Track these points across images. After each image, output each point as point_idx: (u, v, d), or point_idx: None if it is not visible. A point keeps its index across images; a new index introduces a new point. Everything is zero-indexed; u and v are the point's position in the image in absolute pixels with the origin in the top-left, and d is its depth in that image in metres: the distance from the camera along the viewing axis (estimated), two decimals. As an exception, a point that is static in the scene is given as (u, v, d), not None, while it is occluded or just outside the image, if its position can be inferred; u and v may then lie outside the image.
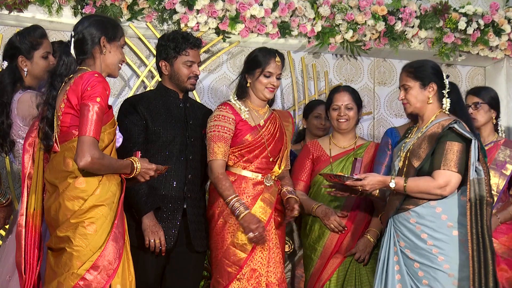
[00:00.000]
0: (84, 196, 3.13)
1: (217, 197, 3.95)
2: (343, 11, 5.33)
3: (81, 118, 3.09)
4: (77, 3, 4.87)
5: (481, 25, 5.53)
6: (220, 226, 3.92)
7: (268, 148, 3.99)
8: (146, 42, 5.15)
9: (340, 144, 4.41)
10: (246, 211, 3.83)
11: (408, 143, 3.78)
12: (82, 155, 3.05)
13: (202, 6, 5.03)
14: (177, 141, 4.06)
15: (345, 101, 4.35)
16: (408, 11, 5.41)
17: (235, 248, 3.86)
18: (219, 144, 3.94)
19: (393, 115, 5.84)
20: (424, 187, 3.61)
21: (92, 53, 3.26)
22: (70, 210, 3.12)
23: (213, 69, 5.43)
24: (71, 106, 3.15)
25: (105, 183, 3.17)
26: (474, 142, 3.61)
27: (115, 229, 3.14)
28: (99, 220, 3.12)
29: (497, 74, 5.91)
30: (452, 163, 3.59)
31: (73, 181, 3.14)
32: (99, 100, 3.09)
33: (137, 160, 3.27)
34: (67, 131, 3.17)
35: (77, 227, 3.11)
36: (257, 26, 5.17)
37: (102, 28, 3.28)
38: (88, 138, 3.06)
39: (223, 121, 3.97)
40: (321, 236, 4.25)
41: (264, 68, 4.01)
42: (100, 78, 3.14)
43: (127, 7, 4.95)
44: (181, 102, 4.17)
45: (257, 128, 4.01)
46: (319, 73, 5.66)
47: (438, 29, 5.49)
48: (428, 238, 3.61)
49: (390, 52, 5.58)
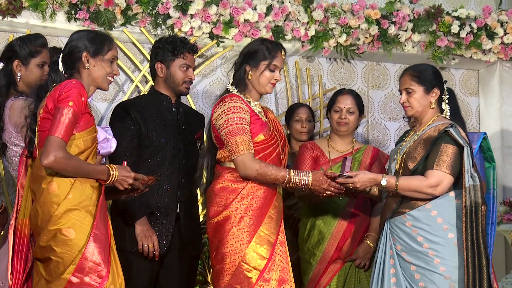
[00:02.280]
0: (57, 200, 3.14)
1: (231, 199, 3.63)
2: (336, 15, 5.33)
3: (53, 120, 3.13)
4: (71, 9, 4.87)
5: (474, 29, 5.54)
6: (237, 229, 3.60)
7: (280, 145, 3.78)
8: (140, 47, 5.16)
9: (338, 147, 4.40)
10: (309, 178, 3.61)
11: (404, 146, 3.79)
12: (47, 153, 3.07)
13: (196, 11, 5.03)
14: (170, 146, 4.06)
15: (348, 104, 4.34)
16: (401, 15, 5.41)
17: (255, 252, 3.59)
18: (243, 137, 3.59)
19: (387, 119, 5.85)
20: (415, 185, 3.61)
21: (77, 67, 3.31)
22: (46, 215, 3.14)
23: (207, 74, 5.43)
24: (48, 111, 3.20)
25: (77, 187, 3.17)
26: (467, 149, 3.61)
27: (96, 231, 3.13)
28: (75, 225, 3.13)
29: (490, 77, 5.92)
30: (445, 165, 3.60)
31: (46, 186, 3.15)
32: (71, 104, 3.12)
33: (114, 167, 3.25)
34: (43, 135, 3.20)
35: (55, 235, 3.12)
36: (251, 31, 5.16)
37: (87, 43, 3.32)
38: (55, 138, 3.09)
39: (241, 112, 3.63)
40: (321, 241, 4.24)
41: (271, 62, 3.73)
42: (77, 84, 3.19)
43: (121, 12, 4.96)
44: (173, 107, 4.17)
45: (267, 124, 3.74)
46: (313, 77, 5.66)
47: (431, 33, 5.51)
48: (424, 241, 3.62)
49: (384, 55, 5.58)
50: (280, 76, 3.80)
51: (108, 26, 4.93)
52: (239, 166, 3.62)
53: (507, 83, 5.86)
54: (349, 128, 4.36)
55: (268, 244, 3.61)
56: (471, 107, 6.03)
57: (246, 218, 3.62)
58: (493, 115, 5.88)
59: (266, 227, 3.63)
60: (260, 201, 3.65)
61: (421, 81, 3.75)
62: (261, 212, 3.64)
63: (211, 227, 3.70)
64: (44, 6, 4.81)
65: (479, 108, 6.04)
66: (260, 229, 3.61)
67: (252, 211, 3.63)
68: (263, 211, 3.65)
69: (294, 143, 4.85)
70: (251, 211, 3.63)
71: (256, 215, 3.63)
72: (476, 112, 6.04)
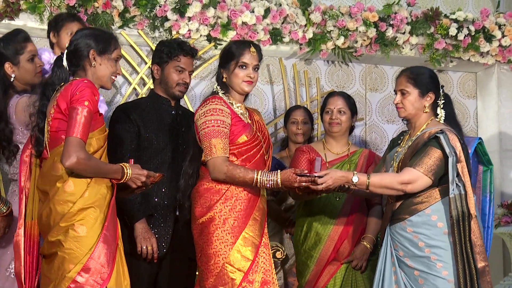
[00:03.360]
0: (72, 199, 3.14)
1: (215, 200, 3.66)
2: (334, 18, 5.33)
3: (69, 121, 3.13)
4: (69, 11, 4.82)
5: (472, 31, 5.53)
6: (222, 231, 3.64)
7: (263, 146, 3.81)
8: (137, 49, 5.16)
9: (334, 150, 4.40)
10: (277, 177, 3.60)
11: (400, 152, 3.79)
12: (68, 155, 3.08)
13: (193, 13, 5.04)
14: (169, 148, 4.07)
15: (338, 105, 4.35)
16: (399, 18, 5.41)
17: (239, 253, 3.63)
18: (219, 140, 3.64)
19: (385, 121, 5.85)
20: (386, 181, 3.63)
21: (83, 65, 3.31)
22: (60, 214, 3.14)
23: (204, 76, 5.43)
24: (60, 111, 3.20)
25: (93, 186, 3.18)
26: (452, 159, 3.59)
27: (106, 231, 3.15)
28: (88, 222, 3.13)
29: (488, 80, 5.92)
30: (425, 166, 3.60)
31: (61, 185, 3.15)
32: (87, 103, 3.13)
33: (128, 166, 3.27)
34: (56, 136, 3.21)
35: (67, 230, 3.12)
36: (248, 33, 5.17)
37: (93, 41, 3.32)
38: (75, 139, 3.10)
39: (220, 114, 3.68)
40: (318, 242, 4.23)
41: (239, 60, 3.75)
42: (89, 84, 3.20)
43: (119, 14, 4.97)
44: (173, 109, 4.20)
45: (250, 125, 3.78)
46: (311, 79, 5.66)
47: (429, 35, 5.50)
48: (425, 246, 3.62)
49: (382, 58, 5.58)
50: (255, 73, 3.78)
51: (106, 28, 4.89)
52: (210, 169, 3.67)
53: (505, 85, 5.85)
54: (341, 129, 4.37)
55: (253, 246, 3.65)
56: (469, 109, 6.03)
57: (230, 219, 3.65)
58: (491, 118, 5.87)
59: (251, 229, 3.67)
60: (244, 203, 3.69)
61: (416, 84, 3.74)
62: (245, 214, 3.67)
63: (196, 228, 3.73)
64: (41, 8, 4.82)
65: (477, 110, 6.03)
66: (245, 231, 3.65)
67: (237, 213, 3.66)
68: (247, 213, 3.68)
69: (291, 146, 4.85)
70: (235, 213, 3.66)
71: (241, 217, 3.66)
72: (474, 114, 6.04)
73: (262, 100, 5.60)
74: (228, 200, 3.67)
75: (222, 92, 3.80)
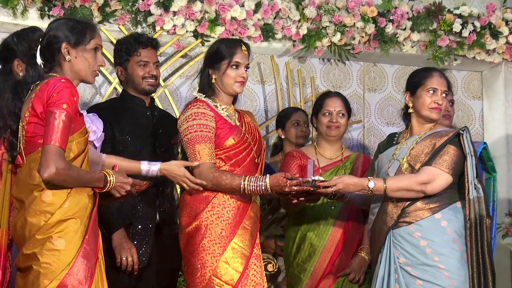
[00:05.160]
0: (50, 209, 3.08)
1: (201, 208, 3.68)
2: (330, 13, 5.33)
3: (46, 126, 3.05)
4: (44, 5, 4.84)
5: (477, 27, 5.56)
6: (208, 241, 3.65)
7: (254, 149, 3.82)
8: None
9: (327, 154, 4.39)
10: (266, 182, 3.61)
11: (403, 149, 3.82)
12: (46, 165, 3.01)
13: (179, 8, 5.02)
14: (146, 152, 4.06)
15: (338, 107, 4.35)
16: (400, 13, 5.42)
17: (228, 265, 3.64)
18: (203, 146, 3.66)
19: (384, 124, 5.85)
20: (405, 184, 3.65)
21: (58, 60, 3.24)
22: (36, 225, 3.07)
23: (190, 75, 5.41)
24: (36, 115, 3.12)
25: (74, 196, 3.12)
26: (471, 159, 3.65)
27: (86, 245, 3.09)
28: (68, 234, 3.07)
29: (494, 79, 5.96)
30: (444, 164, 3.64)
31: (39, 194, 3.09)
32: (65, 106, 3.05)
33: (111, 173, 3.22)
34: (32, 141, 3.14)
35: (44, 242, 3.06)
36: (238, 29, 5.15)
37: (66, 33, 3.23)
38: (53, 147, 3.02)
39: (203, 119, 3.69)
40: (312, 254, 4.23)
41: (232, 59, 3.77)
42: (67, 84, 3.11)
43: (98, 8, 4.93)
44: (148, 110, 4.22)
45: (238, 127, 3.80)
46: (305, 79, 5.66)
47: (431, 32, 5.52)
48: (433, 253, 3.63)
49: (381, 56, 5.59)
50: (246, 73, 3.81)
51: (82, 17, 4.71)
52: (195, 176, 3.65)
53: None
54: (339, 132, 4.37)
55: (242, 257, 3.64)
56: (474, 111, 6.06)
57: (218, 229, 3.64)
58: (498, 120, 5.91)
59: (240, 239, 3.66)
60: (233, 210, 3.68)
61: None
62: (234, 223, 3.67)
63: (183, 238, 3.73)
64: (15, 2, 4.79)
65: (482, 112, 6.07)
66: (234, 241, 3.65)
67: (224, 222, 3.66)
68: (236, 222, 3.67)
69: (288, 149, 4.81)
70: (223, 222, 3.66)
71: (229, 225, 3.66)
72: (479, 116, 6.07)
73: (253, 101, 5.60)
74: (215, 207, 3.67)
75: (204, 96, 3.80)
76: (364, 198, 3.88)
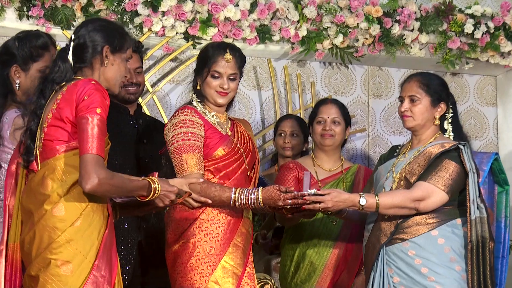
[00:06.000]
0: (61, 226, 3.00)
1: (189, 224, 3.62)
2: (331, 13, 5.27)
3: (80, 134, 3.00)
4: (23, 5, 4.78)
5: (490, 28, 5.52)
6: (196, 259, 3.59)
7: (246, 161, 3.76)
8: None
9: (325, 166, 4.33)
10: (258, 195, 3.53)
11: (402, 162, 3.77)
12: (87, 176, 2.94)
13: (168, 8, 4.96)
14: (129, 165, 4.07)
15: (332, 114, 4.30)
16: (407, 12, 5.37)
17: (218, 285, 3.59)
18: (190, 155, 3.60)
19: (390, 132, 5.84)
20: (398, 200, 3.60)
21: (92, 62, 3.19)
22: (45, 241, 3.01)
23: (181, 80, 5.38)
24: (60, 118, 3.06)
25: (88, 214, 3.04)
26: (472, 176, 3.61)
27: (95, 272, 3.00)
28: (76, 258, 2.99)
29: (510, 84, 5.96)
30: (441, 180, 3.59)
31: (50, 207, 3.02)
32: (99, 111, 3.00)
33: (156, 180, 3.18)
34: (50, 145, 3.08)
35: (49, 265, 2.99)
36: (232, 31, 5.11)
37: (108, 36, 3.20)
38: (91, 156, 2.96)
39: (191, 126, 3.63)
40: (312, 274, 4.19)
41: (211, 67, 3.70)
42: (98, 86, 3.07)
43: (81, 8, 4.88)
44: (132, 119, 4.22)
45: (229, 137, 3.75)
46: (305, 84, 5.64)
47: (441, 33, 5.48)
48: (429, 273, 3.57)
49: (387, 59, 5.55)
50: (230, 84, 3.72)
51: (66, 25, 4.82)
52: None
53: (528, 91, 6.02)
54: (335, 142, 4.30)
55: (234, 277, 3.61)
56: (487, 118, 6.04)
57: (207, 246, 3.59)
58: None
59: (231, 257, 3.62)
60: (223, 226, 3.64)
61: (429, 90, 3.75)
62: (224, 240, 3.62)
63: (169, 257, 3.69)
64: None
65: (497, 119, 6.05)
66: (224, 260, 3.60)
67: (214, 239, 3.61)
68: (227, 239, 3.63)
69: (281, 161, 4.81)
70: (212, 239, 3.61)
71: (219, 243, 3.62)
72: (493, 124, 6.05)
73: (248, 108, 5.58)
74: (204, 223, 3.62)
75: (198, 100, 3.77)
76: (361, 214, 3.82)
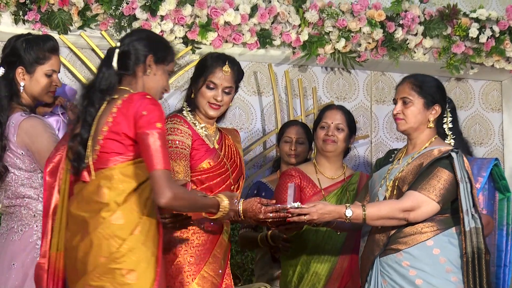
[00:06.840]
0: (121, 234, 3.04)
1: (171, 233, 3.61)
2: (333, 17, 5.26)
3: (145, 151, 3.06)
4: (19, 9, 4.79)
5: (496, 32, 5.49)
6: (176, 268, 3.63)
7: (231, 176, 3.79)
8: (100, 54, 5.07)
9: (328, 173, 4.31)
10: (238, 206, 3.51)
11: (395, 169, 3.74)
12: (162, 191, 3.02)
13: (167, 12, 4.97)
14: None
15: (336, 119, 4.28)
16: (410, 16, 5.37)
17: None
18: (178, 162, 3.64)
19: (393, 139, 5.78)
20: (386, 211, 3.59)
21: (135, 70, 3.24)
22: (105, 251, 3.03)
23: (180, 86, 5.35)
24: (117, 132, 3.11)
25: (145, 223, 3.09)
26: (464, 186, 3.58)
27: (160, 278, 3.06)
28: (140, 266, 3.04)
29: None
30: (432, 190, 3.56)
31: (108, 215, 3.05)
32: (159, 125, 3.06)
33: (224, 198, 3.34)
34: (106, 157, 3.12)
35: (114, 274, 3.02)
36: (232, 35, 5.11)
37: (152, 46, 3.26)
38: (161, 171, 3.03)
39: (179, 135, 3.69)
40: (317, 285, 4.16)
41: (207, 77, 3.72)
42: (154, 101, 3.13)
43: (78, 13, 4.87)
44: None
45: (216, 150, 3.78)
46: (306, 89, 5.61)
47: (445, 37, 5.47)
48: (424, 285, 3.55)
49: (390, 64, 5.53)
50: (224, 97, 3.74)
51: (63, 29, 4.84)
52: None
53: (535, 96, 5.98)
54: (337, 148, 4.27)
55: (213, 286, 3.64)
56: (493, 124, 6.01)
57: (187, 256, 3.62)
58: None
59: (210, 267, 3.65)
60: (203, 237, 3.67)
61: (422, 92, 3.73)
62: (205, 250, 3.66)
63: None
64: None
65: (502, 125, 6.02)
66: (204, 269, 3.63)
67: (194, 248, 3.64)
68: (207, 249, 3.66)
69: (284, 168, 4.74)
70: (192, 248, 3.64)
71: (199, 253, 3.64)
72: (499, 130, 6.02)
73: (249, 114, 5.55)
74: (185, 233, 3.65)
75: (188, 110, 3.82)
76: (352, 223, 3.77)
